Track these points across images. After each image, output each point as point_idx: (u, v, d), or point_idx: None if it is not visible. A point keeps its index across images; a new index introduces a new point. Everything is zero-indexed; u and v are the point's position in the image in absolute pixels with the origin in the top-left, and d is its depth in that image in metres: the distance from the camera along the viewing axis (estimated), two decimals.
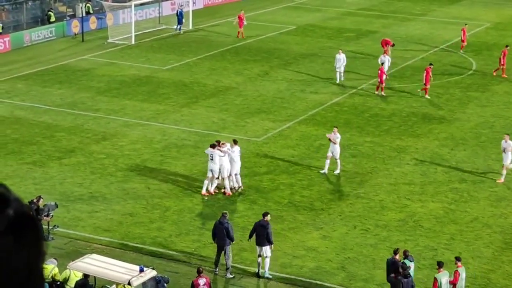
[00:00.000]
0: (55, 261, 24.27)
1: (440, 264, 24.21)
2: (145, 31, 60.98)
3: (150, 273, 22.53)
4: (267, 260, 25.91)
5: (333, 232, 29.10)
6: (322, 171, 34.17)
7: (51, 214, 27.53)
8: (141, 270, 22.22)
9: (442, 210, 31.21)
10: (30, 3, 61.59)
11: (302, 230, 29.15)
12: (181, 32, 61.75)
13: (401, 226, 29.64)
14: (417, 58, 55.12)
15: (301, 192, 32.58)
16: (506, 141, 34.12)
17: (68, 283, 23.76)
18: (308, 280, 25.86)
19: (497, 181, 34.01)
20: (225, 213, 26.66)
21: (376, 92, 46.18)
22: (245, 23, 59.73)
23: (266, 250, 25.81)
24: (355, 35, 62.63)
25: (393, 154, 37.08)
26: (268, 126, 40.39)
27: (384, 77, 45.98)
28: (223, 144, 32.30)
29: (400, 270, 23.64)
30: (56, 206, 27.96)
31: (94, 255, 23.83)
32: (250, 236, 26.25)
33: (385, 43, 54.25)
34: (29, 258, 2.52)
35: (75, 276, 23.55)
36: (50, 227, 27.66)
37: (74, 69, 50.56)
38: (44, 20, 60.86)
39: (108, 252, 26.57)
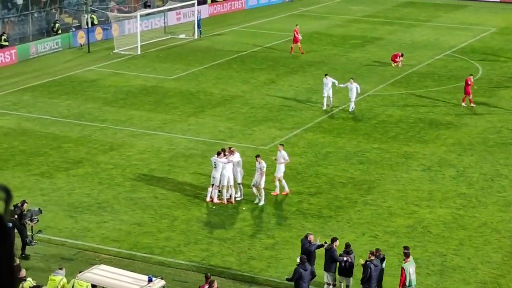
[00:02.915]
0: (61, 271, 24.15)
1: (406, 254, 24.27)
2: (150, 41, 61.11)
3: (158, 283, 22.49)
4: None
5: (341, 239, 28.92)
6: (255, 202, 31.99)
7: (35, 219, 27.47)
8: (150, 280, 22.19)
9: (451, 215, 31.13)
10: (35, 15, 61.74)
11: None
12: (200, 37, 63.12)
13: (409, 233, 29.57)
14: (423, 64, 55.08)
15: (309, 199, 32.54)
16: (280, 151, 32.57)
17: None
18: (316, 287, 25.78)
19: (272, 193, 32.48)
20: (307, 234, 25.84)
21: (463, 104, 44.96)
22: (299, 37, 58.08)
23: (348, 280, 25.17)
24: (360, 42, 62.65)
25: (400, 160, 37.03)
26: (275, 134, 40.37)
27: (470, 88, 44.39)
28: (231, 152, 32.13)
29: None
30: (40, 211, 27.91)
31: (103, 266, 23.80)
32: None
33: (394, 57, 54.36)
34: None
35: (80, 286, 23.45)
36: (33, 233, 27.76)
37: (80, 80, 50.65)
38: (49, 31, 60.99)
39: (117, 263, 26.52)
